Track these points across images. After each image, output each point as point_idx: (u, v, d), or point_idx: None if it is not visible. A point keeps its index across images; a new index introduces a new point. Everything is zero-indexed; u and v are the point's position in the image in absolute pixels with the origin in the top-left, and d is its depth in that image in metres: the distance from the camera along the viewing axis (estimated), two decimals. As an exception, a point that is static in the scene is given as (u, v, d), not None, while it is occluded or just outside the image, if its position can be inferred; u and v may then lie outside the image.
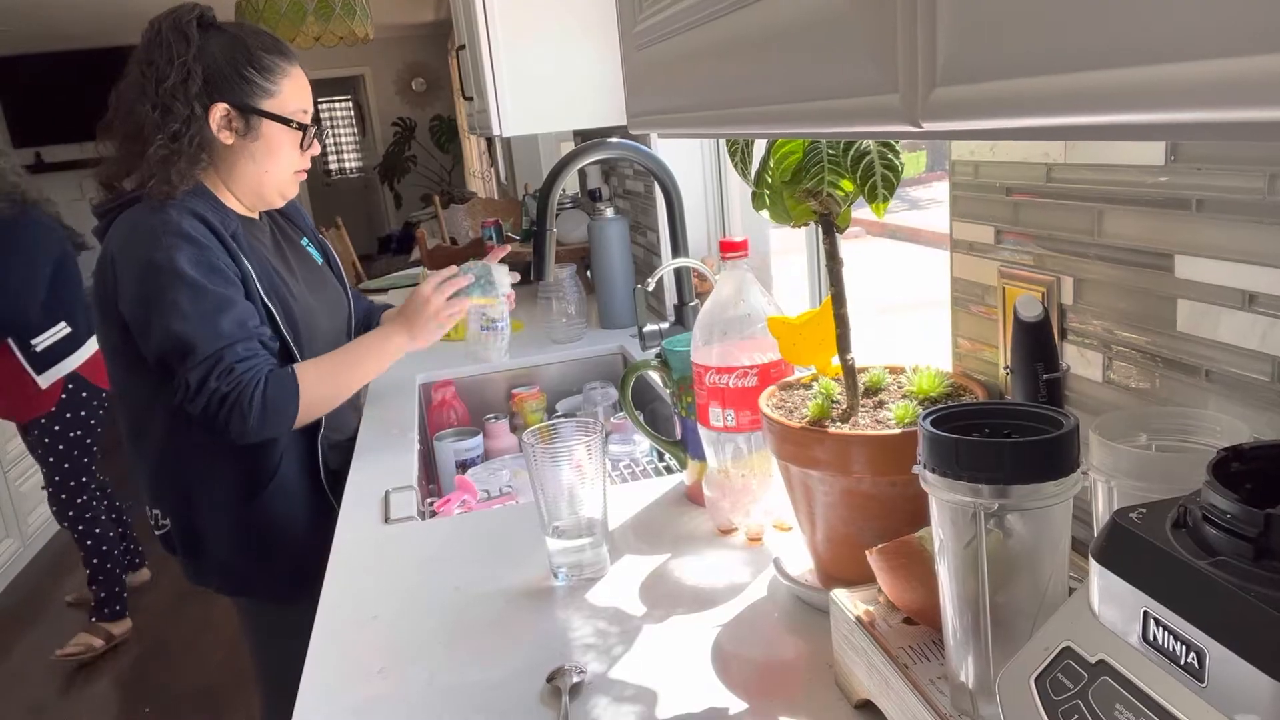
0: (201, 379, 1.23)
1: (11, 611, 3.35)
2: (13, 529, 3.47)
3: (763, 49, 0.43)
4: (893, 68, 0.31)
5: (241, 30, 1.35)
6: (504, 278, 1.45)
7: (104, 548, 2.90)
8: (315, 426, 1.42)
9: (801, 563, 0.93)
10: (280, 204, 1.43)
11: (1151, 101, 0.21)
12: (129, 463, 1.43)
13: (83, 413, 2.79)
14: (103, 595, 2.96)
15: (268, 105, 1.32)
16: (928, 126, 0.30)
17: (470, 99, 2.07)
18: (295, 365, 1.31)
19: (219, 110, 1.30)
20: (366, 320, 1.67)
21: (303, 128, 1.36)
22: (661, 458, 1.47)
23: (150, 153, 1.26)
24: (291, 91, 1.35)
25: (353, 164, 10.32)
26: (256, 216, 1.44)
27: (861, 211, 0.83)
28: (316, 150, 1.41)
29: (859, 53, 0.33)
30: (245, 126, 1.32)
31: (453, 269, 1.43)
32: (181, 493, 1.39)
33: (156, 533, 1.44)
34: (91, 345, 2.78)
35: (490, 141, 6.56)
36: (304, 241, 1.55)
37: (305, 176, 1.42)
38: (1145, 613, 0.43)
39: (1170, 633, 0.42)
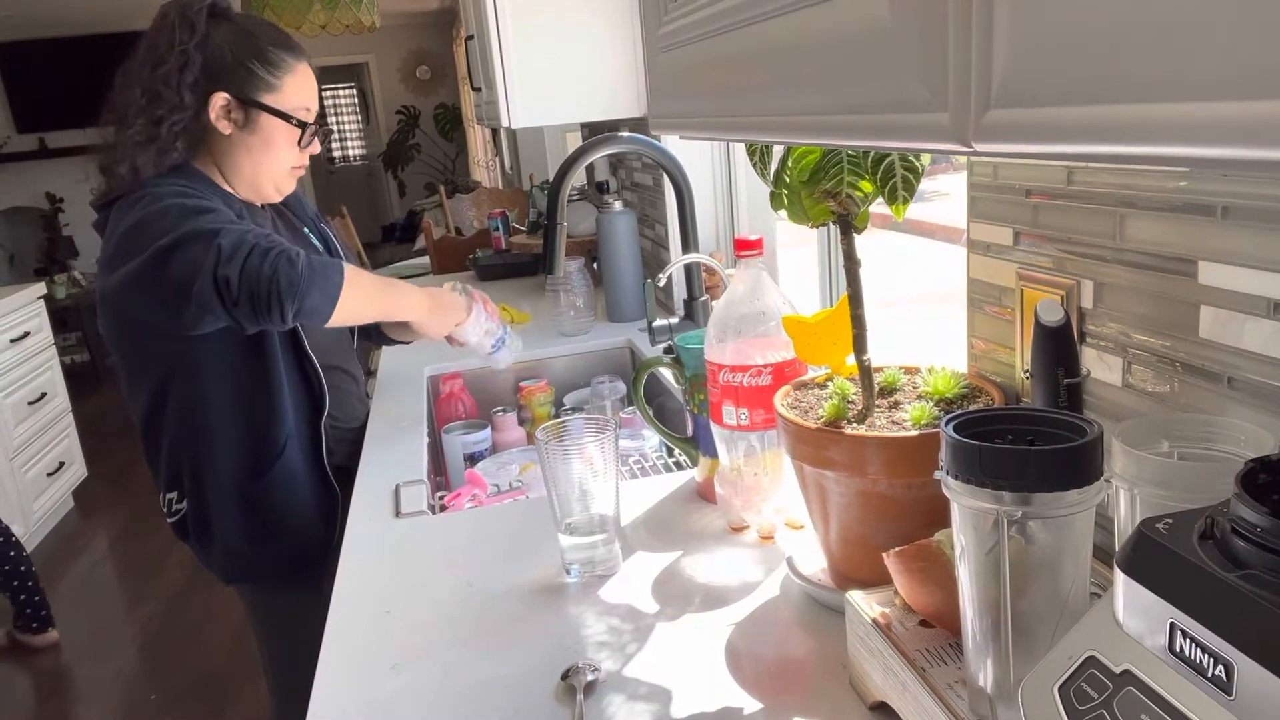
0: (237, 240, 1.16)
1: (17, 597, 3.36)
2: (17, 515, 3.48)
3: (800, 58, 0.43)
4: (943, 86, 0.31)
5: (250, 22, 1.34)
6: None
7: None
8: (318, 412, 1.42)
9: (814, 562, 0.93)
10: (276, 199, 1.42)
11: (1221, 137, 0.21)
12: (144, 453, 1.44)
13: None
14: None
15: (268, 99, 1.31)
16: (979, 148, 0.30)
17: (478, 89, 2.06)
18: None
19: (219, 100, 1.28)
20: None
21: (303, 126, 1.35)
22: (671, 453, 1.47)
23: (127, 135, 1.25)
24: (294, 88, 1.33)
25: (356, 152, 10.30)
26: (259, 205, 1.44)
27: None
28: (316, 149, 1.40)
29: (906, 69, 0.33)
30: (244, 118, 1.31)
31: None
32: (193, 473, 1.40)
33: (170, 519, 1.46)
34: None
35: (495, 131, 6.54)
36: (305, 230, 1.55)
37: (303, 173, 1.41)
38: (1172, 624, 0.43)
39: (1198, 645, 0.42)
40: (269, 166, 1.35)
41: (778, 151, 0.83)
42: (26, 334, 3.76)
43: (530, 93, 1.82)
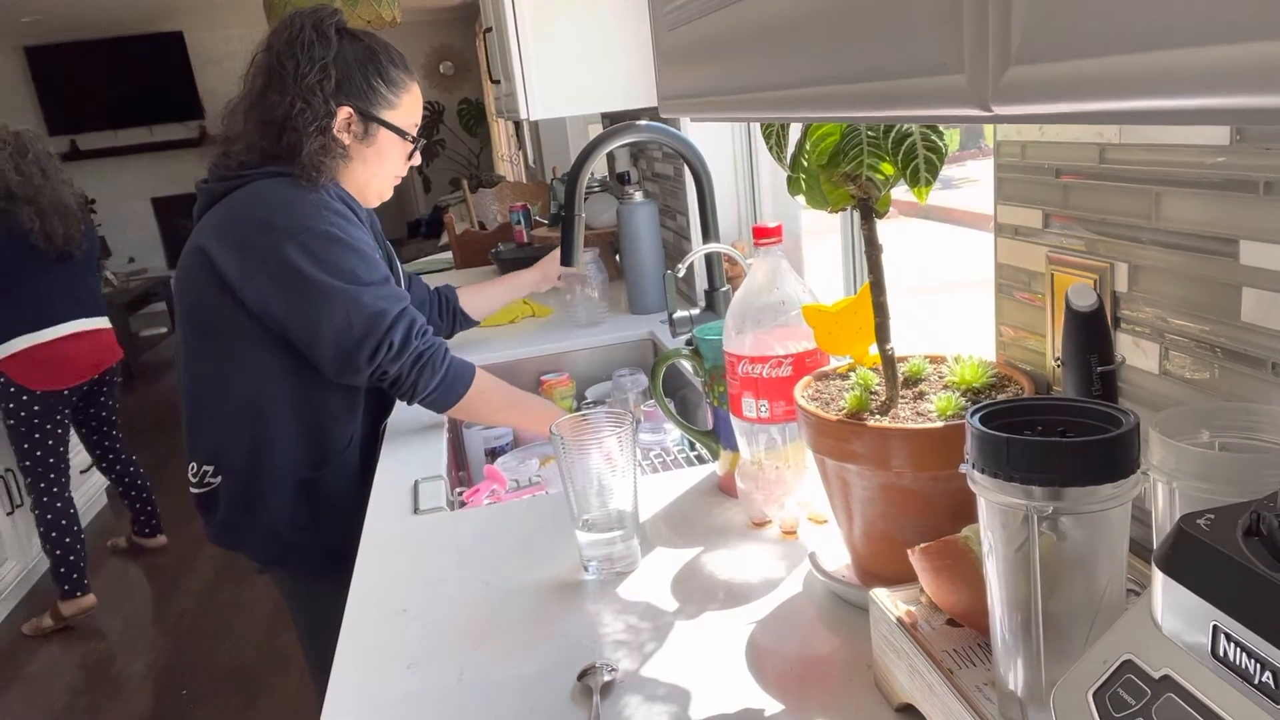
0: (405, 337, 1.32)
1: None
2: (52, 512, 3.52)
3: (807, 26, 0.40)
4: (958, 45, 0.28)
5: (373, 41, 1.43)
6: None
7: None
8: (386, 412, 1.52)
9: (838, 558, 0.91)
10: (375, 204, 1.52)
11: (1253, 84, 0.18)
12: (185, 419, 1.45)
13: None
14: (60, 570, 3.09)
15: (388, 115, 1.41)
16: (999, 111, 0.27)
17: (498, 82, 2.05)
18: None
19: (344, 113, 1.37)
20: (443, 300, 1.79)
21: (415, 141, 1.47)
22: (693, 446, 1.45)
23: (308, 145, 1.33)
24: (409, 106, 1.44)
25: (382, 148, 10.32)
26: None
27: (894, 190, 0.80)
28: (417, 161, 1.50)
29: (919, 28, 0.30)
30: (364, 131, 1.39)
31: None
32: (248, 454, 1.41)
33: (195, 490, 1.45)
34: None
35: (518, 125, 6.53)
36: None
37: (399, 182, 1.51)
38: (1215, 627, 0.41)
39: (1242, 649, 0.39)
40: (380, 176, 1.46)
41: (795, 135, 0.80)
42: (58, 333, 3.80)
43: (548, 84, 1.80)
